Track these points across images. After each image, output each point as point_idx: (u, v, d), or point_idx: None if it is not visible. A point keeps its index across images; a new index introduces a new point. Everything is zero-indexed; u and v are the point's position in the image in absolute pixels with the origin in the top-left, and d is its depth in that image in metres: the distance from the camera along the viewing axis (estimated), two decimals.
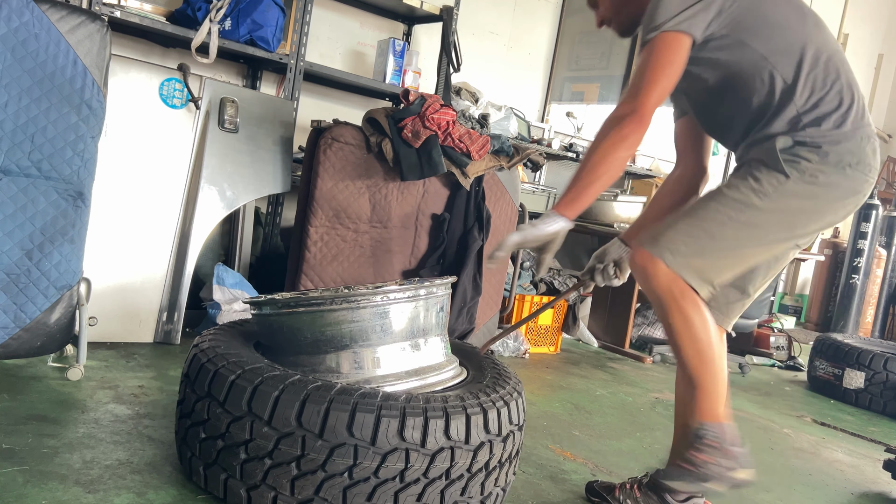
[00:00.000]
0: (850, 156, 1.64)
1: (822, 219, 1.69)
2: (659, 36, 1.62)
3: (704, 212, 1.68)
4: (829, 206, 1.67)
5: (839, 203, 1.68)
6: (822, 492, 2.47)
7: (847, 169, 1.64)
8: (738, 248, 1.68)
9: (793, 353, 4.97)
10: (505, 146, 3.40)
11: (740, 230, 1.65)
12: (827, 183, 1.63)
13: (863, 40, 8.02)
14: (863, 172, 1.67)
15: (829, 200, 1.66)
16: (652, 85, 1.61)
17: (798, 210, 1.66)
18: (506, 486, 1.75)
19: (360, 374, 1.70)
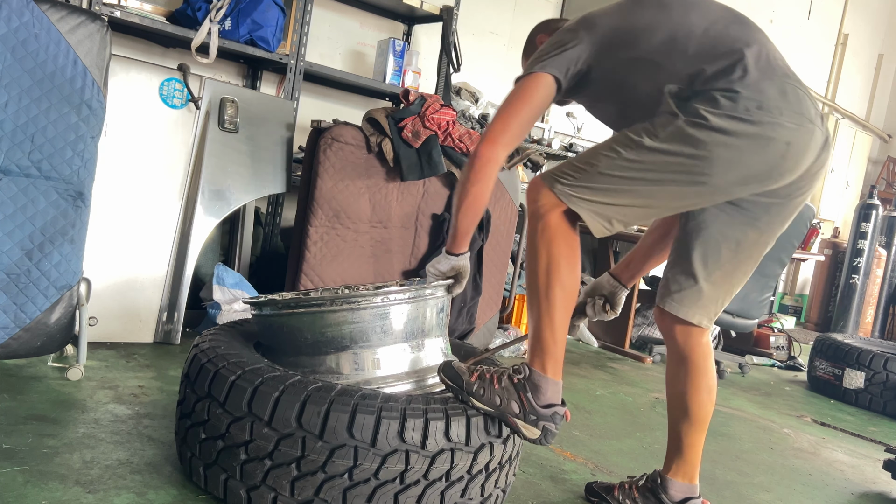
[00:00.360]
0: (748, 101, 1.54)
1: (729, 168, 1.57)
2: (522, 78, 1.75)
3: (599, 147, 1.68)
4: (733, 154, 1.55)
5: (747, 151, 1.56)
6: (822, 492, 2.47)
7: (747, 114, 1.54)
8: (627, 185, 1.63)
9: (793, 353, 4.98)
10: None
11: (630, 167, 1.61)
12: (721, 127, 1.54)
13: (863, 40, 8.02)
14: (768, 114, 1.54)
15: (728, 147, 1.55)
16: (503, 125, 1.71)
17: (692, 155, 1.56)
18: (506, 488, 1.75)
19: (360, 375, 1.70)
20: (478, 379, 1.64)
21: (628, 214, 1.68)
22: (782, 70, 1.62)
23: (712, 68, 1.58)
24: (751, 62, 1.58)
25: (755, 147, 1.56)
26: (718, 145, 1.55)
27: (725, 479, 2.41)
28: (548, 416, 1.64)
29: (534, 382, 1.64)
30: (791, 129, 1.56)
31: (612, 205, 1.64)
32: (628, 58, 1.69)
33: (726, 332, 4.80)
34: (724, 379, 4.12)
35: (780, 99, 1.56)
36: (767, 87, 1.56)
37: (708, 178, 1.59)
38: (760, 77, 1.57)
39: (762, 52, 1.62)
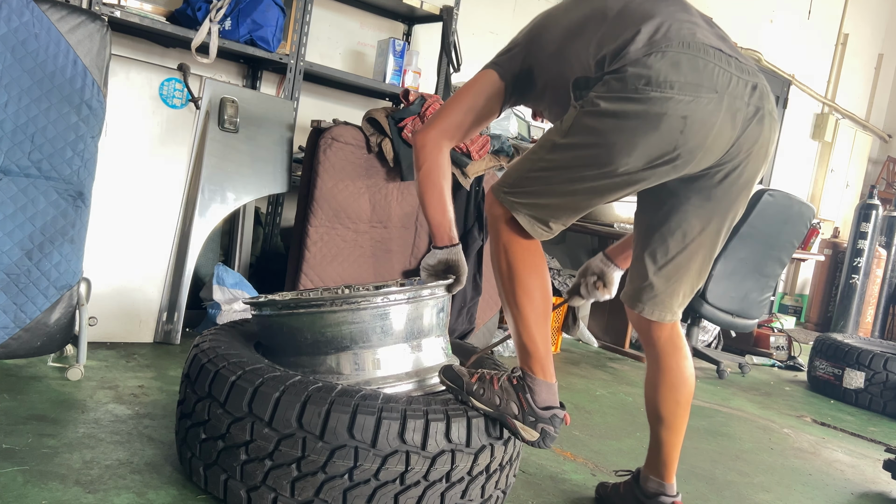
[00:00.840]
0: (636, 78, 1.46)
1: (629, 152, 1.49)
2: (477, 74, 1.84)
3: (528, 150, 1.69)
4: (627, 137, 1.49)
5: (640, 131, 1.48)
6: (822, 492, 2.47)
7: (634, 93, 1.46)
8: (550, 184, 1.61)
9: (793, 353, 4.98)
10: (505, 146, 3.40)
11: (548, 167, 1.60)
12: (610, 111, 1.49)
13: (863, 40, 8.02)
14: (657, 90, 1.45)
15: (621, 130, 1.49)
16: (441, 112, 1.81)
17: (592, 144, 1.52)
18: (506, 489, 1.75)
19: (360, 376, 1.70)
20: (478, 380, 1.64)
21: (560, 214, 1.65)
22: (683, 39, 1.50)
23: (611, 49, 1.53)
24: (643, 37, 1.50)
25: (647, 126, 1.47)
26: (612, 130, 1.50)
27: (725, 479, 2.41)
28: (546, 419, 1.63)
29: (528, 384, 1.64)
30: (685, 101, 1.46)
31: (544, 206, 1.63)
32: (553, 51, 1.70)
33: (726, 332, 4.81)
34: (724, 379, 4.12)
35: (672, 71, 1.46)
36: (656, 61, 1.47)
37: (612, 166, 1.52)
38: (650, 51, 1.48)
39: (663, 24, 1.53)
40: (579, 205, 1.64)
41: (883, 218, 6.57)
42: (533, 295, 1.64)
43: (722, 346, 4.93)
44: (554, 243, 5.19)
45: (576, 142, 1.55)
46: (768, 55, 6.62)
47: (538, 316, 1.65)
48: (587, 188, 1.59)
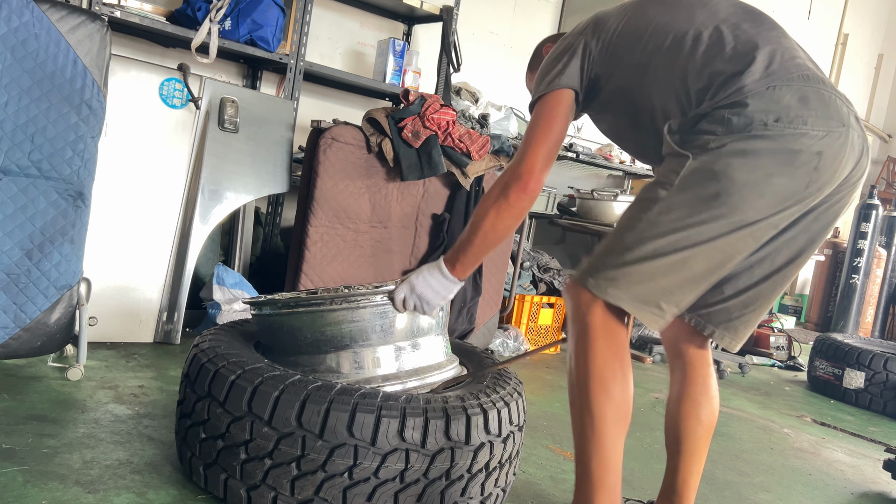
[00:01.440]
0: (763, 114, 1.35)
1: (761, 194, 1.36)
2: (539, 100, 1.59)
3: (621, 221, 1.47)
4: (759, 177, 1.36)
5: (774, 170, 1.36)
6: (822, 492, 2.47)
7: (764, 129, 1.35)
8: (660, 254, 1.38)
9: (793, 353, 4.97)
10: (505, 146, 3.40)
11: (655, 231, 1.39)
12: (741, 150, 1.35)
13: (863, 40, 8.02)
14: (790, 126, 1.36)
15: (752, 170, 1.35)
16: (535, 149, 1.54)
17: (716, 193, 1.36)
18: (506, 487, 1.75)
19: (360, 374, 1.70)
20: None
21: (676, 289, 1.41)
22: (801, 71, 1.42)
23: (720, 77, 1.41)
24: (759, 67, 1.40)
25: (781, 164, 1.35)
26: (740, 171, 1.35)
27: (725, 479, 2.41)
28: None
29: None
30: (818, 136, 1.37)
31: (654, 281, 1.39)
32: (635, 63, 1.53)
33: None
34: (725, 379, 4.12)
35: (801, 107, 1.37)
36: (783, 95, 1.37)
37: (742, 214, 1.36)
38: (774, 84, 1.38)
39: (776, 53, 1.43)
40: (700, 272, 1.40)
41: (883, 218, 6.57)
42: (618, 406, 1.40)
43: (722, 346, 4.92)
44: (554, 243, 5.19)
45: (692, 193, 1.37)
46: None
47: (618, 434, 1.41)
48: (711, 248, 1.38)
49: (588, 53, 1.57)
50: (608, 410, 1.40)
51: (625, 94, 1.57)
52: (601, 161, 4.90)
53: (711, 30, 1.47)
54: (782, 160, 1.36)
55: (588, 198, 4.40)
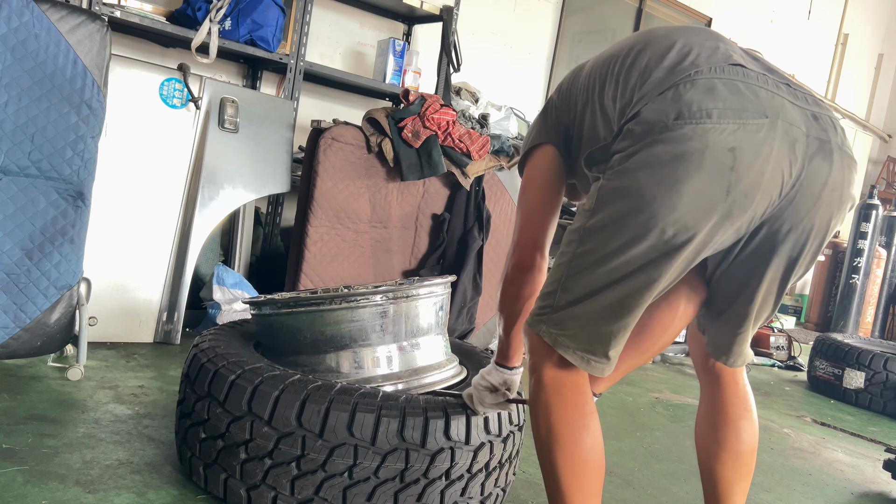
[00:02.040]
0: (661, 114, 1.19)
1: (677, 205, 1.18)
2: (523, 166, 1.54)
3: (556, 258, 1.34)
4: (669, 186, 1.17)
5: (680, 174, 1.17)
6: (822, 492, 2.47)
7: (663, 131, 1.18)
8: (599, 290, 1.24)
9: (793, 353, 4.97)
10: (505, 146, 3.40)
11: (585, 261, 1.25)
12: (643, 160, 1.19)
13: (863, 40, 8.02)
14: (690, 121, 1.17)
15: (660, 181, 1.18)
16: (523, 224, 1.48)
17: (631, 210, 1.20)
18: (506, 487, 1.75)
19: (360, 374, 1.70)
20: None
21: (619, 332, 1.27)
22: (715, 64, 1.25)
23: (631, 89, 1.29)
24: (664, 66, 1.26)
25: (688, 167, 1.17)
26: (646, 184, 1.18)
27: None
28: None
29: None
30: (728, 130, 1.17)
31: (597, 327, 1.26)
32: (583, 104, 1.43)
33: None
34: None
35: (707, 98, 1.19)
36: (685, 91, 1.20)
37: (658, 230, 1.19)
38: (676, 82, 1.22)
39: (688, 52, 1.28)
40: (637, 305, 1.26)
41: (883, 218, 6.57)
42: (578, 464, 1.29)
43: None
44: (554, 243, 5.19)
45: (607, 216, 1.23)
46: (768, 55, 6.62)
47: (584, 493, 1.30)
48: (643, 279, 1.23)
49: (552, 108, 1.51)
50: (571, 472, 1.29)
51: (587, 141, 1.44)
52: None
53: (641, 45, 1.35)
54: (688, 161, 1.17)
55: None
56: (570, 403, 1.30)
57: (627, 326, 1.28)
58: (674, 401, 3.34)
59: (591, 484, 1.30)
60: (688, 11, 5.91)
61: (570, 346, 1.27)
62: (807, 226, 1.28)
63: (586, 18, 5.32)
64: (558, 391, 1.29)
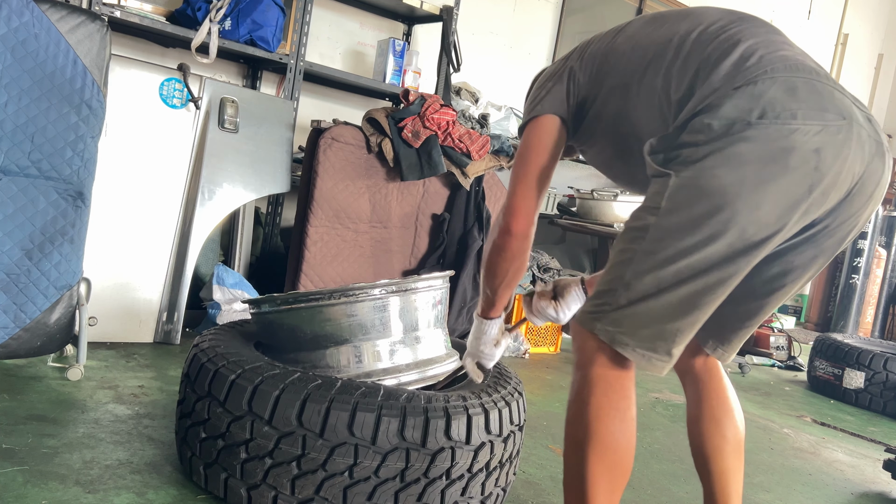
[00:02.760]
0: (745, 112, 1.19)
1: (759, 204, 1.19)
2: (524, 128, 1.51)
3: (614, 256, 1.32)
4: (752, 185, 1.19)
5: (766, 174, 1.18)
6: (822, 492, 2.47)
7: (747, 128, 1.19)
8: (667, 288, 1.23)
9: (793, 353, 4.97)
10: (505, 146, 3.40)
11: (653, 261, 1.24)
12: (725, 158, 1.19)
13: (863, 40, 8.02)
14: (776, 121, 1.18)
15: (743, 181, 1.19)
16: (518, 188, 1.46)
17: (709, 211, 1.20)
18: (506, 487, 1.75)
19: (360, 368, 1.70)
20: None
21: (684, 329, 1.26)
22: (787, 62, 1.25)
23: (698, 82, 1.28)
24: (735, 63, 1.25)
25: (774, 168, 1.18)
26: (729, 182, 1.18)
27: None
28: None
29: None
30: (813, 131, 1.19)
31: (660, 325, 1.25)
32: (619, 84, 1.42)
33: None
34: None
35: (789, 98, 1.20)
36: (766, 89, 1.20)
37: (741, 230, 1.19)
38: (754, 78, 1.22)
39: (757, 47, 1.27)
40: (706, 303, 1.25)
41: (883, 218, 6.57)
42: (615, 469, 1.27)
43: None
44: (554, 243, 5.19)
45: (681, 214, 1.21)
46: None
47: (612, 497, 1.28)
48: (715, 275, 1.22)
49: (573, 77, 1.47)
50: (603, 476, 1.27)
51: (612, 120, 1.45)
52: None
53: (695, 35, 1.34)
54: (774, 162, 1.18)
55: (588, 198, 4.40)
56: (615, 406, 1.28)
57: (695, 324, 1.28)
58: (674, 401, 3.34)
59: (617, 485, 1.29)
60: None
61: (630, 344, 1.26)
62: (853, 223, 1.32)
63: (586, 18, 5.32)
64: (606, 392, 1.28)
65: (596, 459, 1.27)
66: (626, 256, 1.27)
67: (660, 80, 1.35)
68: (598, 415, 1.27)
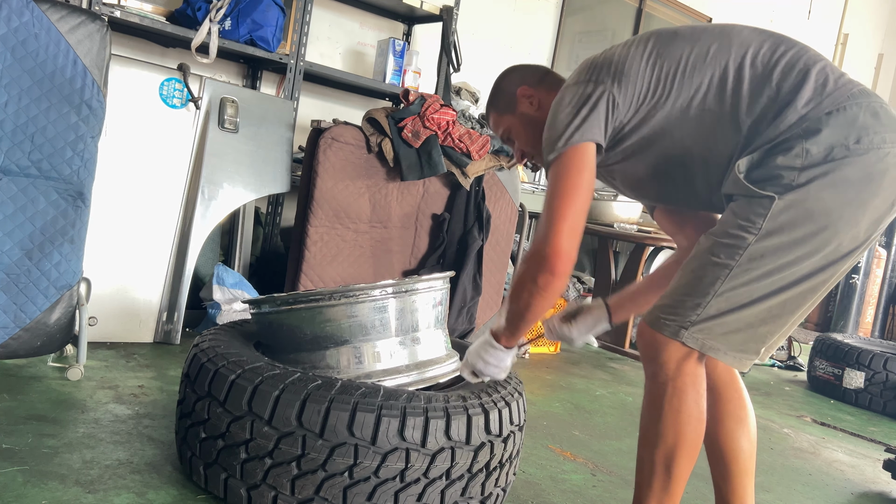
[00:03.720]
0: (843, 137, 1.31)
1: (855, 221, 1.32)
2: (559, 158, 1.44)
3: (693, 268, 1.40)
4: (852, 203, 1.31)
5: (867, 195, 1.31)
6: (822, 492, 2.47)
7: (847, 153, 1.30)
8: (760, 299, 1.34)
9: (793, 352, 4.97)
10: (505, 146, 3.40)
11: (750, 275, 1.34)
12: (830, 182, 1.30)
13: (863, 40, 8.02)
14: (871, 146, 1.31)
15: (846, 202, 1.31)
16: (559, 224, 1.40)
17: (814, 232, 1.31)
18: (506, 487, 1.75)
19: (360, 369, 1.70)
20: None
21: (774, 332, 1.40)
22: (856, 87, 1.37)
23: (775, 106, 1.35)
24: (817, 89, 1.35)
25: (872, 188, 1.31)
26: (835, 204, 1.30)
27: None
28: None
29: None
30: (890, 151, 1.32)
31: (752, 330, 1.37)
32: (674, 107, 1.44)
33: None
34: None
35: (876, 123, 1.32)
36: (857, 114, 1.32)
37: (838, 244, 1.33)
38: (842, 104, 1.33)
39: (827, 72, 1.37)
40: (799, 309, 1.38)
41: None
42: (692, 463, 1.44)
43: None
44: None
45: (789, 235, 1.31)
46: None
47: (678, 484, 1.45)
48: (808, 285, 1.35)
49: (612, 103, 1.45)
50: (687, 471, 1.43)
51: (657, 142, 1.47)
52: None
53: (751, 59, 1.41)
54: (872, 183, 1.31)
55: None
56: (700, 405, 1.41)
57: (785, 326, 1.40)
58: None
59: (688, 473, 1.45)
60: (688, 11, 5.91)
61: (721, 349, 1.37)
62: (880, 234, 1.45)
63: (586, 18, 5.32)
64: (696, 400, 1.41)
65: (685, 462, 1.42)
66: (719, 270, 1.35)
67: (725, 106, 1.41)
68: (688, 421, 1.40)
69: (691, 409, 1.40)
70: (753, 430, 1.65)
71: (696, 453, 1.43)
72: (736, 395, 1.65)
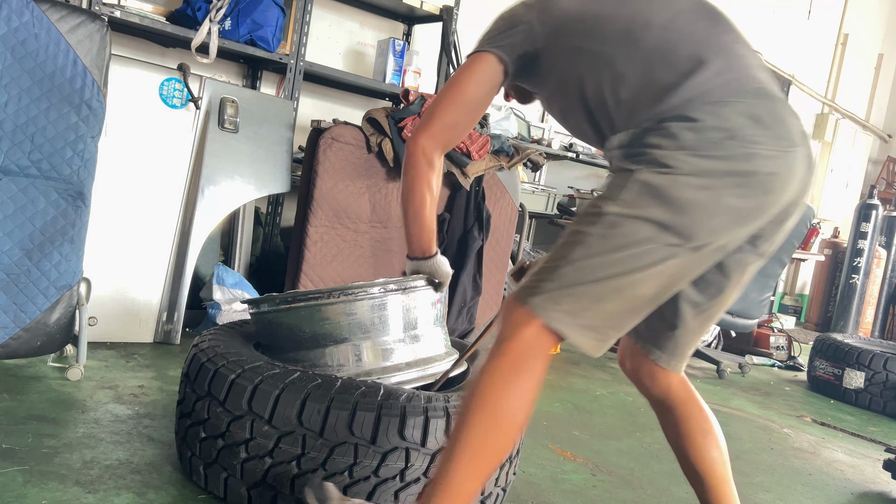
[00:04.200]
0: (716, 131, 1.26)
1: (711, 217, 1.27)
2: (466, 59, 1.57)
3: (566, 232, 1.35)
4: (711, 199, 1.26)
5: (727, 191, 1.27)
6: (822, 492, 2.47)
7: (716, 148, 1.26)
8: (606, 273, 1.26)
9: (793, 353, 4.97)
10: (505, 146, 3.40)
11: (601, 248, 1.26)
12: (693, 170, 1.25)
13: (863, 40, 8.02)
14: (742, 146, 1.26)
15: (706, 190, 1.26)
16: (437, 113, 1.56)
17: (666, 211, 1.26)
18: (506, 486, 1.75)
19: (360, 367, 1.70)
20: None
21: (622, 315, 1.31)
22: (754, 84, 1.34)
23: (665, 79, 1.32)
24: (710, 78, 1.31)
25: (734, 185, 1.27)
26: (692, 191, 1.26)
27: None
28: None
29: None
30: (772, 157, 1.28)
31: (600, 307, 1.27)
32: (575, 46, 1.44)
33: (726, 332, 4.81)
34: (725, 379, 4.12)
35: (754, 125, 1.28)
36: (735, 112, 1.28)
37: (693, 236, 1.27)
38: (726, 98, 1.29)
39: (729, 62, 1.35)
40: (648, 297, 1.30)
41: (883, 218, 6.57)
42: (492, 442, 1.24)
43: (722, 346, 4.93)
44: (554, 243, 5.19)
45: (642, 209, 1.26)
46: (768, 55, 6.62)
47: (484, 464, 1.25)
48: (660, 271, 1.27)
49: (530, 29, 1.52)
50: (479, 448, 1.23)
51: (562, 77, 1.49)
52: (601, 161, 4.90)
53: (664, 21, 1.38)
54: (736, 182, 1.27)
55: (588, 198, 4.40)
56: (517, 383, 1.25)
57: (636, 311, 1.32)
58: None
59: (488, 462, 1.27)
60: None
61: (566, 322, 1.26)
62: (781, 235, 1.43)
63: None
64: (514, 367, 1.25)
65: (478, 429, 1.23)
66: (577, 239, 1.29)
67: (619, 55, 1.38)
68: (495, 383, 1.24)
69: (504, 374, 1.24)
70: (721, 437, 1.62)
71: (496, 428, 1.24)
72: (696, 408, 1.62)
